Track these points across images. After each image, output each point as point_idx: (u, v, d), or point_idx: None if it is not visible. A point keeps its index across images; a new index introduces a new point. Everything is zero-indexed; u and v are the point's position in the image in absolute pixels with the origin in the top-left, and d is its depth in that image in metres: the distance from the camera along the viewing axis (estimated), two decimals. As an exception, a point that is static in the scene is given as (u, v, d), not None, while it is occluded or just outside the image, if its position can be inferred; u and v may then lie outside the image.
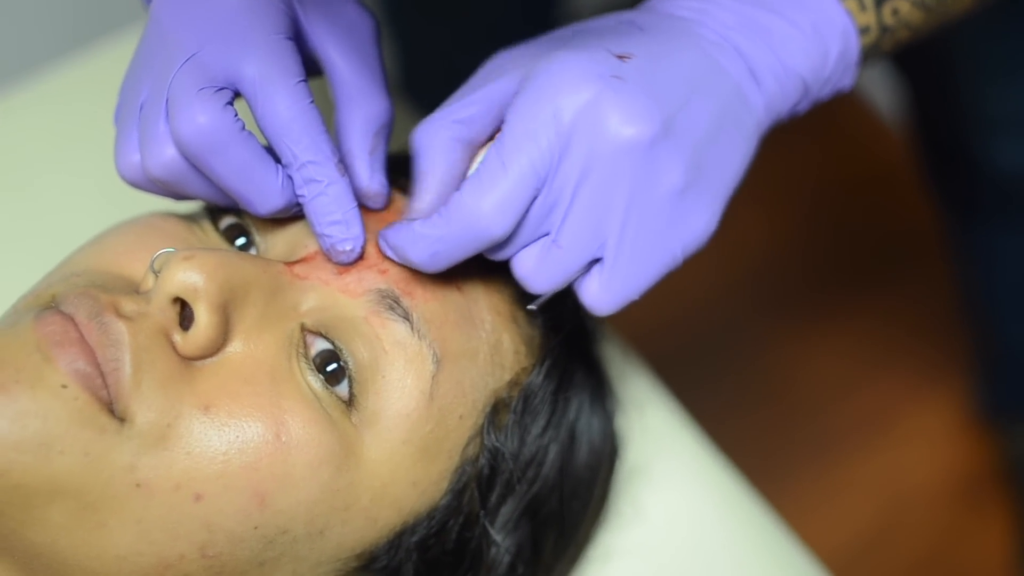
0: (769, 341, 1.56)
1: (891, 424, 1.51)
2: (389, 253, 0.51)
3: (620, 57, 0.49)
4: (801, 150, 1.65)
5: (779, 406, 1.52)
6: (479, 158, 0.51)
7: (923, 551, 1.44)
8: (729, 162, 0.51)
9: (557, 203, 0.49)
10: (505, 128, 0.49)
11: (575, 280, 0.50)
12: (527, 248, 0.50)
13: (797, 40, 0.52)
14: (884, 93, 1.64)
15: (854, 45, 0.54)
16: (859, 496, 1.47)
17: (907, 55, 1.08)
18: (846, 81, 0.55)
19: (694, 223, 0.50)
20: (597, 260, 0.50)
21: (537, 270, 0.50)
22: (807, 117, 0.56)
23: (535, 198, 0.48)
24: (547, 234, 0.50)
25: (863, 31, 0.54)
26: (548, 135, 0.48)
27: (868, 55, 0.55)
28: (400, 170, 0.56)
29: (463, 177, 0.52)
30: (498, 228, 0.48)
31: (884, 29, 0.55)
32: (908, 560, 1.43)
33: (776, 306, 1.60)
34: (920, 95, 1.16)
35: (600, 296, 0.50)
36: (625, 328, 0.52)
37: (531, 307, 0.53)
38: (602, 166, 0.48)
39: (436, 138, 0.51)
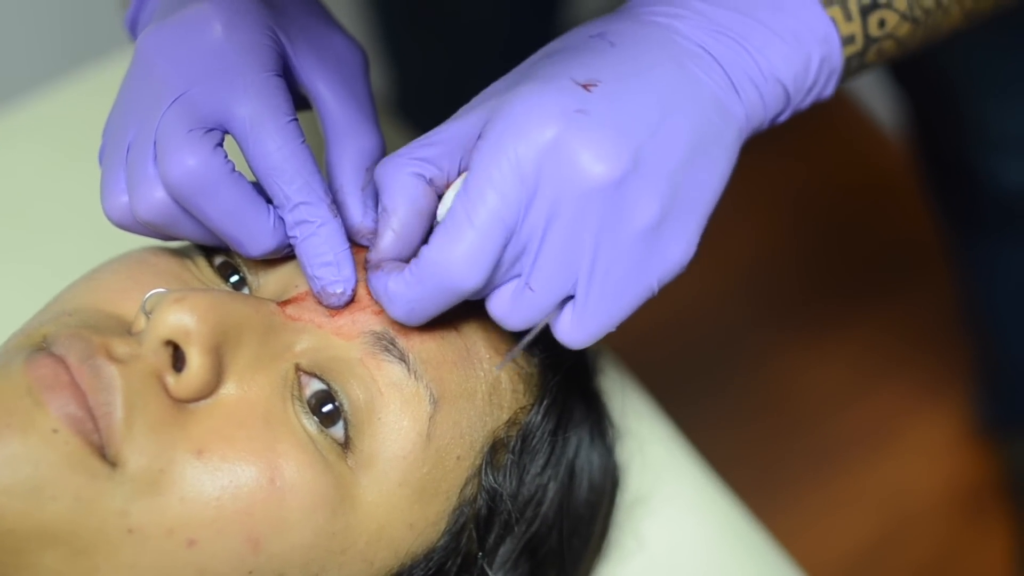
0: (768, 352, 1.56)
1: (891, 437, 1.51)
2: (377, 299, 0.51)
3: (586, 86, 0.47)
4: (799, 158, 1.65)
5: (778, 418, 1.52)
6: (447, 203, 0.50)
7: (923, 563, 1.43)
8: (708, 182, 0.49)
9: (527, 247, 0.47)
10: (469, 176, 0.47)
11: (551, 316, 0.49)
12: (501, 288, 0.49)
13: (777, 46, 0.51)
14: (882, 101, 1.64)
15: (837, 53, 0.52)
16: (859, 508, 1.46)
17: (907, 72, 1.08)
18: (828, 90, 0.53)
19: (670, 253, 0.48)
20: (572, 296, 0.49)
21: (512, 311, 0.49)
22: (806, 126, 0.55)
23: (506, 244, 0.47)
24: (520, 275, 0.48)
25: (848, 40, 0.52)
26: (513, 183, 0.46)
27: (853, 65, 0.54)
28: None
29: (428, 214, 0.50)
30: (469, 281, 0.47)
31: (870, 40, 0.53)
32: (908, 573, 1.43)
33: (774, 316, 1.59)
34: (921, 112, 1.15)
35: (572, 332, 0.49)
36: (613, 338, 0.51)
37: (496, 368, 0.53)
38: (569, 208, 0.46)
39: (398, 175, 0.49)
